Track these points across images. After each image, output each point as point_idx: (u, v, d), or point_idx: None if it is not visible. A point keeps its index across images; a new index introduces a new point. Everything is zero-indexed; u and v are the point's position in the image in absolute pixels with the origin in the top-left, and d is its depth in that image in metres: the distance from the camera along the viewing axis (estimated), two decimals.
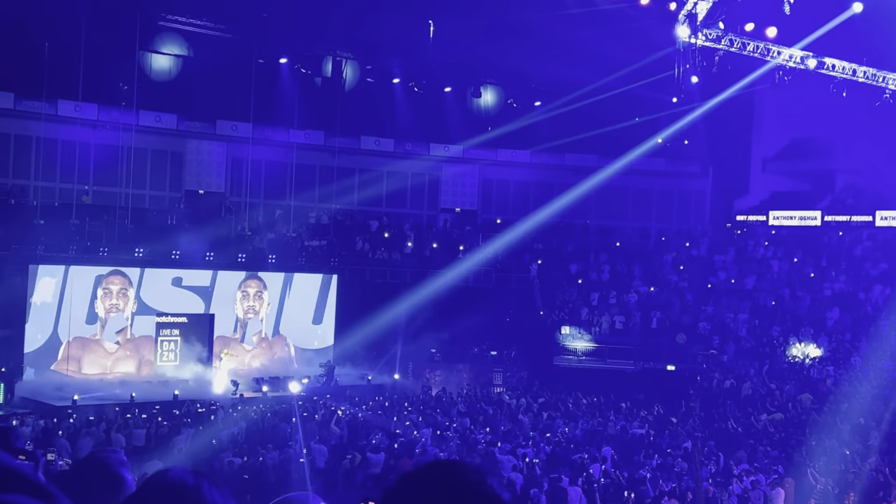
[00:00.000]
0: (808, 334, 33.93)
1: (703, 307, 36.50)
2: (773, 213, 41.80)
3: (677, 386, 31.99)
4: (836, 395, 29.09)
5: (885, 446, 25.47)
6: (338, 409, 26.48)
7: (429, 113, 40.42)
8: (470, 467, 1.88)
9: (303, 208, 38.53)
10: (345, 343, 33.05)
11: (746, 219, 42.49)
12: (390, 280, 35.63)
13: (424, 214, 41.93)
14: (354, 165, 39.92)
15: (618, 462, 23.91)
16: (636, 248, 41.43)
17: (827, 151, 41.04)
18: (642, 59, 35.80)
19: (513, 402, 30.85)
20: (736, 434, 27.47)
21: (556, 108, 40.11)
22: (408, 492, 1.87)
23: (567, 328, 35.90)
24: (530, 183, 42.75)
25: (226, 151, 37.84)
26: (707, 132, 40.97)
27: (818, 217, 40.87)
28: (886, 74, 34.26)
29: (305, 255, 35.26)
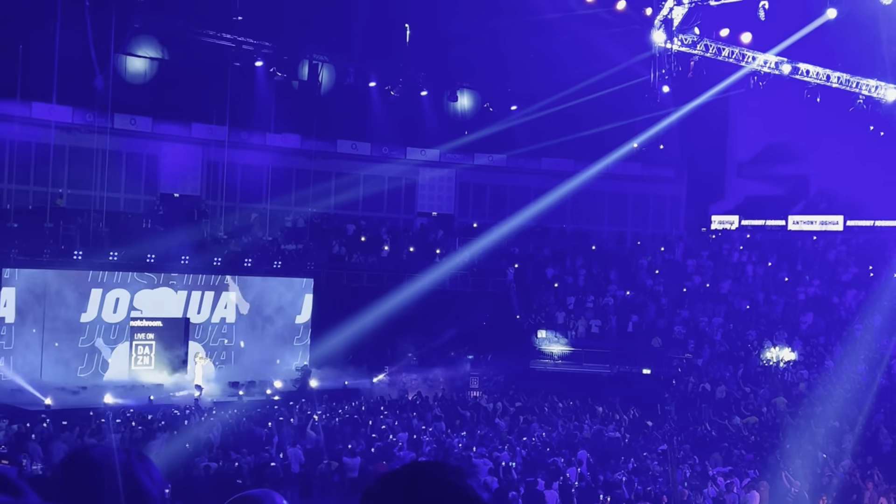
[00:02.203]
0: (782, 338, 34.15)
1: (679, 311, 36.67)
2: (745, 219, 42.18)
3: (653, 389, 32.11)
4: (810, 399, 29.29)
5: (858, 450, 25.68)
6: (314, 413, 26.40)
7: (405, 117, 40.40)
8: (450, 467, 1.88)
9: (279, 212, 38.40)
10: (321, 347, 32.94)
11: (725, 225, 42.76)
12: (367, 284, 35.57)
13: (401, 218, 41.90)
14: (331, 169, 39.83)
15: (594, 465, 23.97)
16: (612, 253, 41.59)
17: (801, 156, 41.37)
18: (618, 64, 35.96)
19: (489, 405, 30.88)
20: (711, 437, 27.62)
21: (532, 112, 40.22)
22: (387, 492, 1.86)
23: (543, 332, 35.96)
24: (507, 187, 42.81)
25: (201, 155, 37.65)
26: (682, 137, 41.23)
27: (792, 221, 41.24)
28: (860, 80, 34.56)
29: (282, 259, 35.13)
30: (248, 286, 33.55)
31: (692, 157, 42.93)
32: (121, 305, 30.71)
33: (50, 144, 33.95)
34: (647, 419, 29.43)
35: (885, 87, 35.12)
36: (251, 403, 28.03)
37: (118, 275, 30.71)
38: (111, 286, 30.57)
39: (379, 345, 33.76)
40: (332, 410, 28.02)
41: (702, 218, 43.59)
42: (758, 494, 21.85)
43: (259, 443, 23.50)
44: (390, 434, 25.45)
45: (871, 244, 39.19)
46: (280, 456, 22.59)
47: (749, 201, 43.54)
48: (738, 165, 44.34)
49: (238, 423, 25.12)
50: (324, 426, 25.45)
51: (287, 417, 26.18)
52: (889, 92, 35.15)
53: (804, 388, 30.75)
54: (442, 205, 42.65)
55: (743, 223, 42.22)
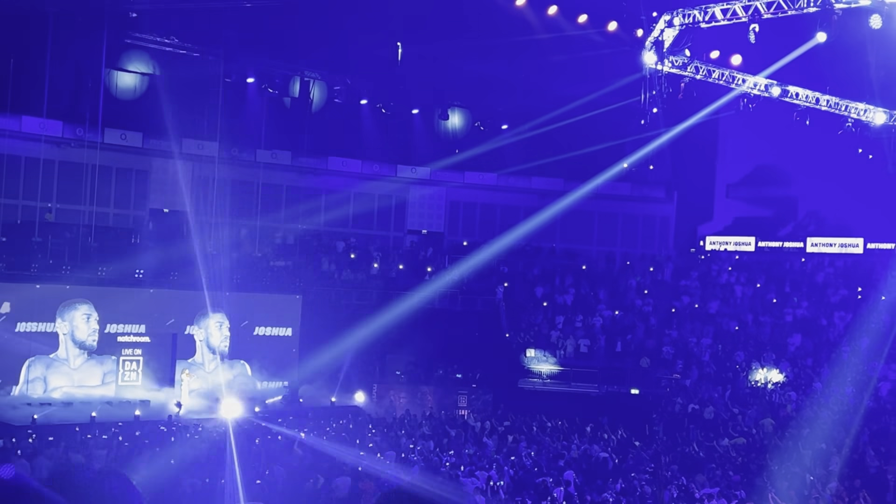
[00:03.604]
0: (770, 359, 34.22)
1: (667, 331, 36.72)
2: (734, 239, 42.26)
3: (641, 410, 32.11)
4: (798, 421, 29.32)
5: (845, 472, 25.69)
6: (300, 430, 26.31)
7: (396, 134, 40.51)
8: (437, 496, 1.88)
9: (269, 228, 38.38)
10: (309, 364, 32.87)
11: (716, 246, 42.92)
12: (356, 301, 35.55)
13: (391, 236, 41.93)
14: (321, 186, 39.87)
15: (581, 486, 23.92)
16: (601, 272, 41.66)
17: (790, 178, 41.58)
18: (609, 85, 36.12)
19: (477, 424, 30.82)
20: (698, 458, 27.60)
21: (523, 131, 40.37)
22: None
23: (532, 351, 35.95)
24: (497, 206, 42.90)
25: (192, 170, 37.65)
26: (672, 158, 41.39)
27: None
28: (849, 103, 34.78)
29: (271, 276, 35.09)
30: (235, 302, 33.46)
31: (682, 178, 43.10)
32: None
33: (40, 159, 33.93)
34: (635, 439, 29.41)
35: (874, 110, 35.35)
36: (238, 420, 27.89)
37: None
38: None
39: (367, 362, 33.71)
40: (320, 428, 27.92)
41: (691, 238, 43.73)
42: None
43: (245, 461, 23.38)
44: (378, 452, 25.36)
45: (859, 266, 39.36)
46: (266, 473, 22.48)
47: (738, 222, 43.70)
48: (728, 186, 44.53)
49: (224, 441, 24.98)
50: (311, 444, 25.35)
51: (274, 435, 26.08)
52: (878, 115, 35.38)
53: (792, 410, 30.80)
54: (432, 223, 42.70)
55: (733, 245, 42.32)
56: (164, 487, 19.23)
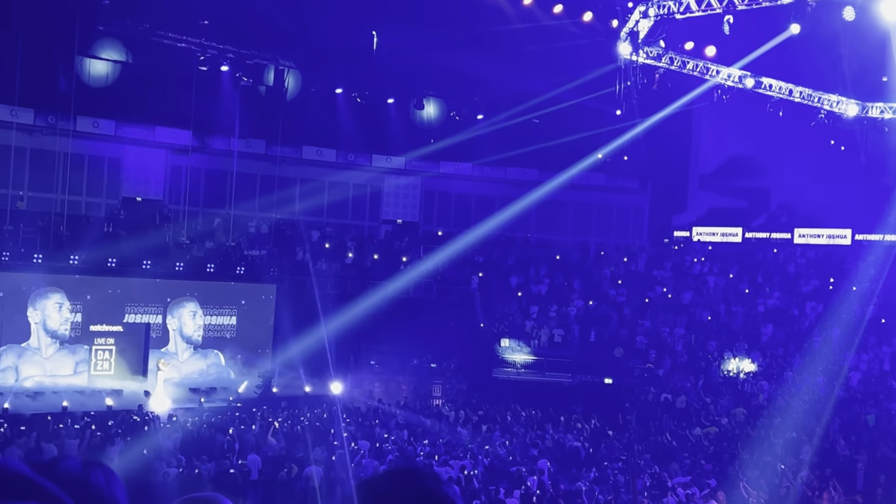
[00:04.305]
0: (742, 349, 34.47)
1: (641, 321, 36.90)
2: (707, 230, 42.44)
3: (614, 399, 32.27)
4: (770, 410, 29.59)
5: (816, 461, 25.96)
6: (275, 420, 26.26)
7: (371, 124, 40.37)
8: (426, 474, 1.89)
9: (243, 217, 38.18)
10: (283, 354, 32.79)
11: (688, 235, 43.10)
12: (331, 291, 35.45)
13: (366, 225, 41.85)
14: (296, 175, 39.70)
15: (555, 475, 24.03)
16: (576, 262, 41.79)
17: (763, 170, 41.83)
18: (583, 76, 36.18)
19: (451, 414, 30.88)
20: (671, 447, 27.79)
21: (498, 121, 40.37)
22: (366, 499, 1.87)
23: (507, 341, 36.03)
24: (472, 196, 42.89)
25: (165, 159, 37.40)
26: (646, 149, 41.48)
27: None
28: (822, 95, 35.04)
29: (245, 265, 34.94)
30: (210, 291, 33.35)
31: (656, 169, 43.26)
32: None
33: (11, 146, 33.59)
34: (609, 429, 29.56)
35: (847, 102, 35.64)
36: (212, 410, 27.84)
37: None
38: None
39: (342, 352, 33.64)
40: (294, 418, 27.88)
41: (664, 229, 43.92)
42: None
43: (220, 450, 23.34)
44: (352, 442, 25.36)
45: (830, 257, 39.68)
46: (239, 463, 22.46)
47: (711, 213, 43.94)
48: (701, 177, 44.76)
49: (199, 430, 24.92)
50: (285, 433, 25.33)
51: (248, 424, 26.03)
52: (850, 107, 35.67)
53: (763, 400, 31.06)
54: (407, 213, 42.65)
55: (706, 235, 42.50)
56: (137, 476, 19.15)
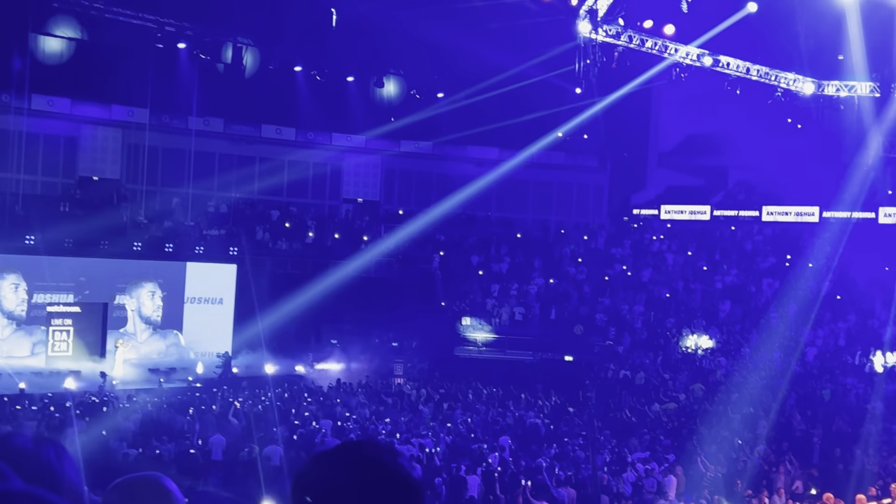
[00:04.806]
0: (700, 326, 34.83)
1: (601, 299, 37.14)
2: (665, 207, 42.64)
3: (574, 376, 32.48)
4: (727, 386, 29.92)
5: (772, 435, 26.34)
6: (236, 400, 26.18)
7: (331, 102, 40.11)
8: (383, 447, 1.89)
9: (201, 197, 37.85)
10: (244, 334, 32.64)
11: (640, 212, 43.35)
12: (291, 270, 35.33)
13: (326, 204, 41.66)
14: (255, 154, 39.39)
15: (516, 451, 24.19)
16: (536, 241, 41.94)
17: (721, 148, 42.09)
18: (543, 54, 36.19)
19: (413, 392, 30.95)
20: (630, 423, 28.06)
21: (458, 100, 40.28)
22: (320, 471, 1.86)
23: (468, 319, 36.13)
24: (433, 174, 42.84)
25: (122, 137, 36.96)
26: (606, 127, 41.62)
27: (707, 211, 41.89)
28: (778, 73, 35.38)
29: (204, 245, 34.68)
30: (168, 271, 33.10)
31: (615, 147, 43.45)
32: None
33: None
34: (569, 405, 29.77)
35: (803, 80, 36.02)
36: (172, 390, 27.68)
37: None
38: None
39: (303, 332, 33.57)
40: (255, 398, 27.80)
41: (624, 207, 44.17)
42: (675, 479, 22.30)
43: (180, 430, 23.24)
44: (314, 421, 25.35)
45: (787, 234, 40.11)
46: (200, 443, 22.37)
47: (670, 191, 44.23)
48: (660, 155, 45.01)
49: (159, 411, 24.79)
50: (246, 413, 25.25)
51: (209, 405, 25.92)
52: (806, 85, 36.06)
53: (721, 375, 31.42)
54: (367, 191, 42.52)
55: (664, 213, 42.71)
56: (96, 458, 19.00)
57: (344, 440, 22.12)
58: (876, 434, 25.93)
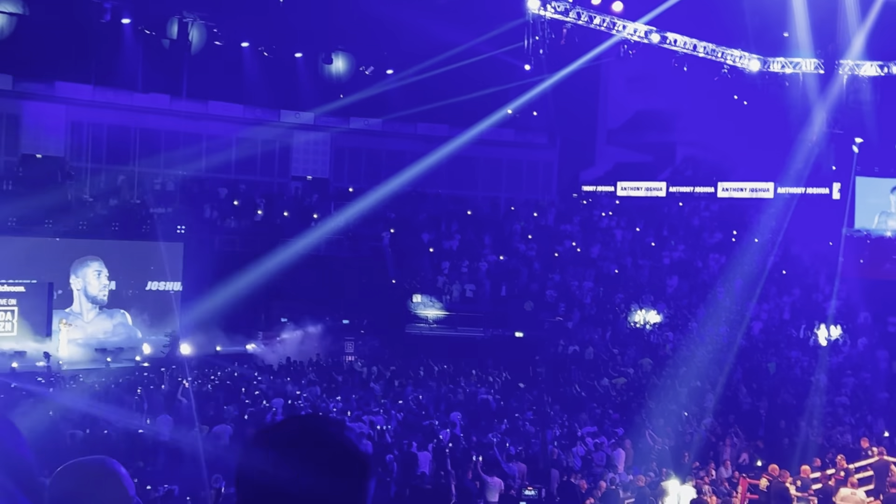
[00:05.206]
0: (648, 301, 35.18)
1: (550, 275, 37.35)
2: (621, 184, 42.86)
3: (525, 352, 32.68)
4: (675, 360, 30.33)
5: (719, 408, 26.76)
6: (184, 379, 25.97)
7: (279, 79, 39.72)
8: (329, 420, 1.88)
9: (148, 174, 37.37)
10: (192, 313, 32.33)
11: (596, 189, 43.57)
12: (240, 248, 35.00)
13: (275, 182, 41.32)
14: (202, 131, 38.90)
15: (467, 427, 24.32)
16: (486, 218, 42.02)
17: (668, 124, 42.43)
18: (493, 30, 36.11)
19: (364, 370, 30.95)
20: (580, 398, 28.33)
21: (408, 76, 40.09)
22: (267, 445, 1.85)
23: (419, 296, 36.13)
24: (383, 151, 42.68)
25: (65, 114, 36.31)
26: (555, 104, 41.73)
27: (662, 188, 42.21)
28: (725, 50, 35.69)
29: (150, 223, 34.26)
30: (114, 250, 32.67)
31: (564, 124, 43.58)
32: None
33: None
34: (519, 381, 29.97)
35: (749, 57, 36.37)
36: (119, 370, 27.40)
37: None
38: None
39: (253, 310, 33.36)
40: (204, 377, 27.63)
41: (573, 184, 44.39)
42: (623, 452, 22.59)
43: (128, 410, 23.02)
44: (264, 400, 25.27)
45: (733, 210, 40.58)
46: (148, 423, 22.20)
47: (619, 168, 44.52)
48: (609, 132, 45.26)
49: (106, 391, 24.53)
50: (195, 393, 25.08)
51: (157, 384, 25.70)
52: (752, 62, 36.41)
53: (669, 350, 31.81)
54: (317, 169, 42.23)
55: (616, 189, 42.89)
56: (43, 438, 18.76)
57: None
58: (820, 406, 26.44)
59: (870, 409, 27.18)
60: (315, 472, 1.77)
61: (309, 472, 1.77)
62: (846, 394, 28.42)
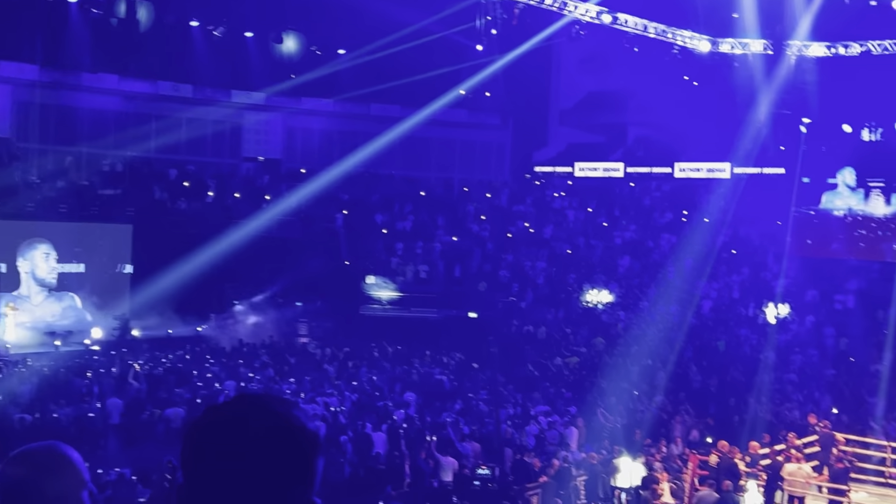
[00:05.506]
0: (600, 281, 35.45)
1: (504, 256, 37.48)
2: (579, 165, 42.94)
3: (478, 332, 32.73)
4: (627, 339, 30.60)
5: (670, 386, 27.10)
6: (135, 362, 25.74)
7: (229, 58, 39.27)
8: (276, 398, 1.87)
9: (96, 155, 36.82)
10: (143, 295, 31.98)
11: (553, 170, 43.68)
12: (191, 230, 34.63)
13: (226, 163, 40.92)
14: (151, 111, 38.38)
15: (421, 407, 24.39)
16: (440, 199, 42.00)
17: (620, 105, 42.64)
18: (445, 10, 35.99)
19: (318, 352, 30.88)
20: (533, 377, 28.52)
21: (360, 56, 39.84)
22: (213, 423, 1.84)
23: (372, 278, 36.07)
24: (335, 132, 42.42)
25: (11, 95, 35.60)
26: (507, 85, 41.78)
27: (620, 169, 42.42)
28: (675, 31, 35.94)
29: (99, 205, 33.80)
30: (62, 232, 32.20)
31: (517, 105, 43.63)
32: None
33: None
34: (473, 361, 30.07)
35: (699, 38, 36.66)
36: (69, 354, 27.07)
37: None
38: None
39: (204, 293, 33.05)
40: (156, 360, 27.39)
41: (526, 164, 44.48)
42: (576, 430, 22.81)
43: (78, 394, 22.78)
44: (216, 383, 25.13)
45: (684, 190, 40.95)
46: (99, 407, 21.98)
47: (571, 148, 44.69)
48: (561, 113, 45.39)
49: (56, 374, 24.23)
50: (146, 376, 24.88)
51: (107, 367, 25.44)
52: (702, 43, 36.72)
53: (621, 329, 32.10)
54: (269, 150, 41.88)
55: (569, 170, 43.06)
56: None
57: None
58: (768, 383, 26.87)
59: (817, 386, 27.68)
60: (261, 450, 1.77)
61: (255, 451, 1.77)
62: (794, 371, 28.90)
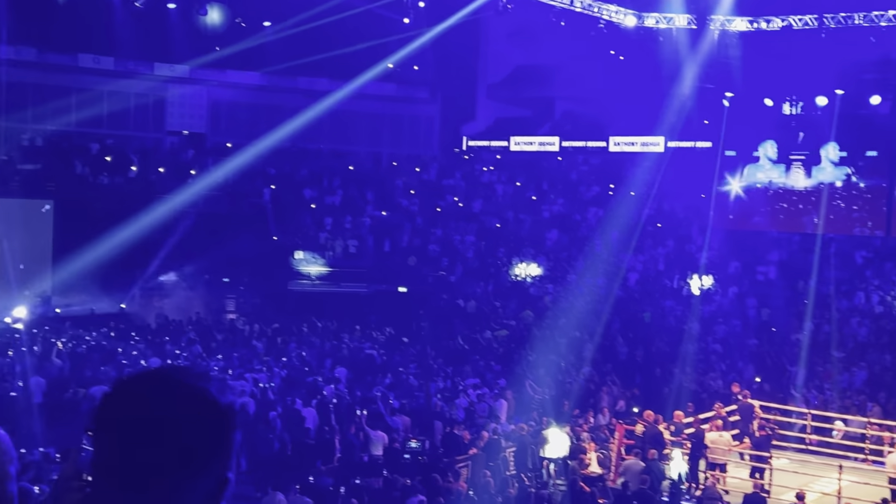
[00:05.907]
0: (529, 254, 35.69)
1: (433, 230, 37.52)
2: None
3: (408, 307, 32.84)
4: (555, 311, 30.90)
5: (597, 357, 27.47)
6: (58, 340, 25.25)
7: (152, 30, 38.42)
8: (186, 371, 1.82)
9: (14, 130, 35.85)
10: (64, 272, 31.33)
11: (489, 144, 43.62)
12: (114, 206, 33.96)
13: (149, 137, 40.13)
14: (71, 84, 37.44)
15: (351, 382, 24.37)
16: (369, 173, 41.80)
17: (547, 79, 42.73)
18: None
19: (246, 328, 30.63)
20: (463, 351, 28.67)
21: (286, 28, 39.32)
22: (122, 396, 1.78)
23: (301, 253, 35.82)
24: (261, 106, 41.85)
25: None
26: (435, 58, 41.65)
27: (555, 142, 42.44)
28: (601, 5, 36.16)
29: (18, 180, 32.98)
30: None
31: (445, 79, 43.53)
32: None
33: None
34: (403, 336, 30.13)
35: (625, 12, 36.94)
36: None
37: None
38: None
39: (129, 269, 32.52)
40: (79, 338, 26.89)
41: (455, 139, 44.44)
42: (505, 402, 23.01)
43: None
44: (142, 360, 24.78)
45: (610, 164, 41.34)
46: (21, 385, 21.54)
47: (499, 123, 44.77)
48: (489, 87, 45.40)
49: None
50: (70, 354, 24.43)
51: (29, 346, 24.90)
52: (628, 18, 37.01)
53: (549, 301, 32.40)
54: (193, 123, 41.20)
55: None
56: None
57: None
58: (693, 353, 27.40)
59: (740, 356, 28.29)
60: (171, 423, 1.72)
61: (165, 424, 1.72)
62: (718, 341, 29.49)
